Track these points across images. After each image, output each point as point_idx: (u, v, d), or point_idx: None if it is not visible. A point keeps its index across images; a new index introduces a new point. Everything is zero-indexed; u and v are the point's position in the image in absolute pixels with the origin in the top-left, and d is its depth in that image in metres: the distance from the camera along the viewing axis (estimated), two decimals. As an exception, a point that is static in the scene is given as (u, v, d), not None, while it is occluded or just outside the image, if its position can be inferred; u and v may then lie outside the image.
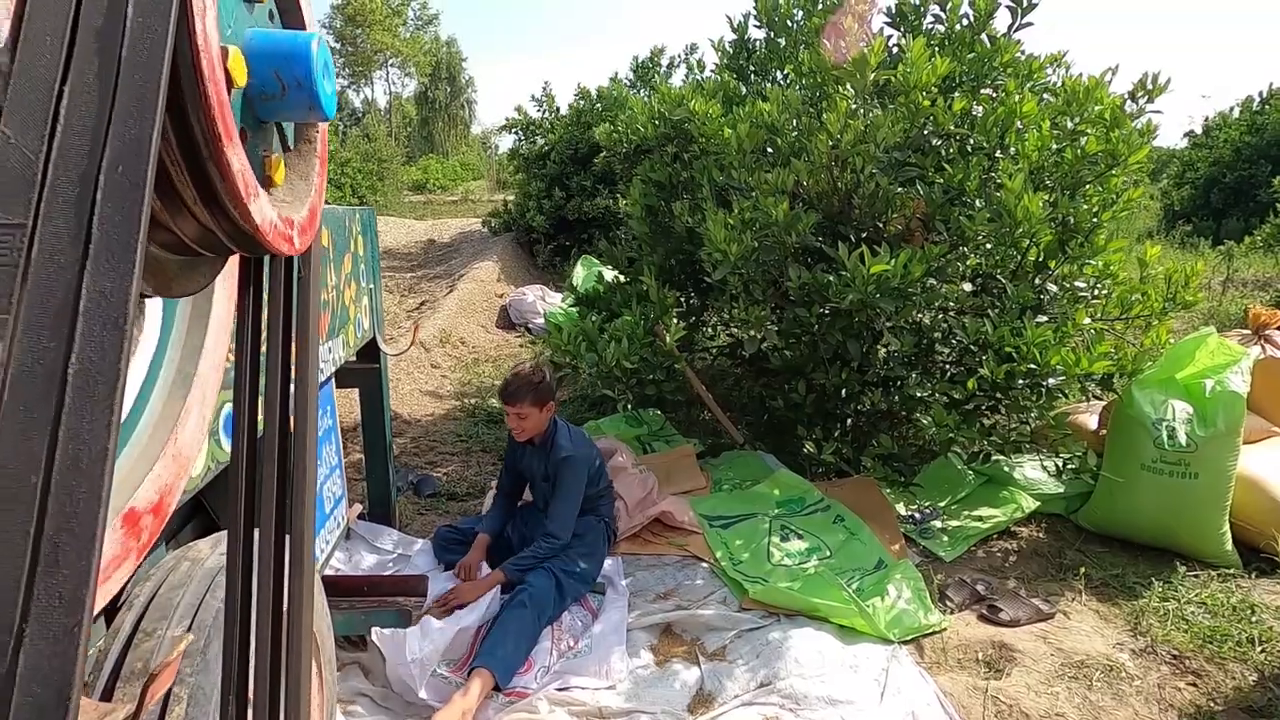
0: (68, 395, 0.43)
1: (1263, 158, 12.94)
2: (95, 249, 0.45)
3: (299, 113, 0.60)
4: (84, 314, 0.44)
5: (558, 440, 2.77)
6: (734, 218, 2.90)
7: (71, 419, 0.43)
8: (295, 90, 0.57)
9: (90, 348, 0.44)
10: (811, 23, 3.41)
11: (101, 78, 0.46)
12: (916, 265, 2.65)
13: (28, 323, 0.43)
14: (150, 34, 0.47)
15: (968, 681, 2.23)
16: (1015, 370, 2.80)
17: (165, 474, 1.08)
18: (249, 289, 0.71)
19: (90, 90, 0.46)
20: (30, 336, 0.43)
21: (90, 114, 0.46)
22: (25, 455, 0.42)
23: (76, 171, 0.45)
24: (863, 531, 2.95)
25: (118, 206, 0.45)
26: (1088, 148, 2.80)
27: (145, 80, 0.46)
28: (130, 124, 0.46)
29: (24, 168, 0.44)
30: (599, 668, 2.26)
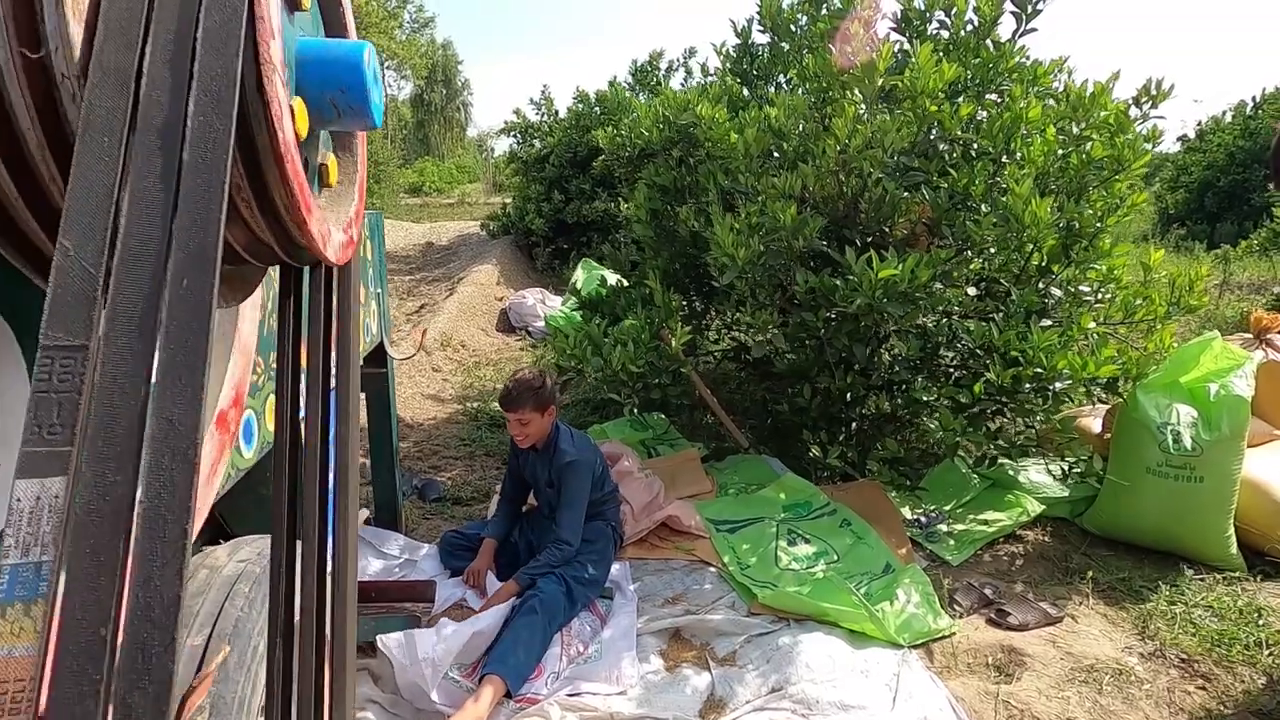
0: (135, 537, 0.40)
1: (1256, 162, 13.02)
2: (162, 371, 0.42)
3: (350, 123, 0.60)
4: (150, 444, 0.40)
5: (560, 445, 2.77)
6: (741, 222, 2.90)
7: (141, 564, 0.40)
8: (348, 103, 0.57)
9: (159, 483, 0.40)
10: (816, 28, 3.42)
11: (163, 182, 0.44)
12: (924, 270, 2.66)
13: (92, 455, 0.40)
14: (211, 133, 0.45)
15: (979, 686, 2.23)
16: (1021, 374, 2.81)
17: (237, 370, 1.09)
18: (289, 297, 0.71)
19: (151, 197, 0.44)
20: (95, 470, 0.40)
21: (152, 222, 0.44)
22: (93, 606, 0.39)
23: (139, 287, 0.43)
24: (870, 535, 2.95)
25: (184, 323, 0.42)
26: (1093, 153, 2.82)
27: (208, 185, 0.44)
28: (194, 233, 0.43)
29: (85, 283, 0.42)
30: (610, 673, 2.25)
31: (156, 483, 0.40)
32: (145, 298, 0.42)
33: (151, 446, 0.40)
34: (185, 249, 0.43)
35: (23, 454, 0.39)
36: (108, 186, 0.44)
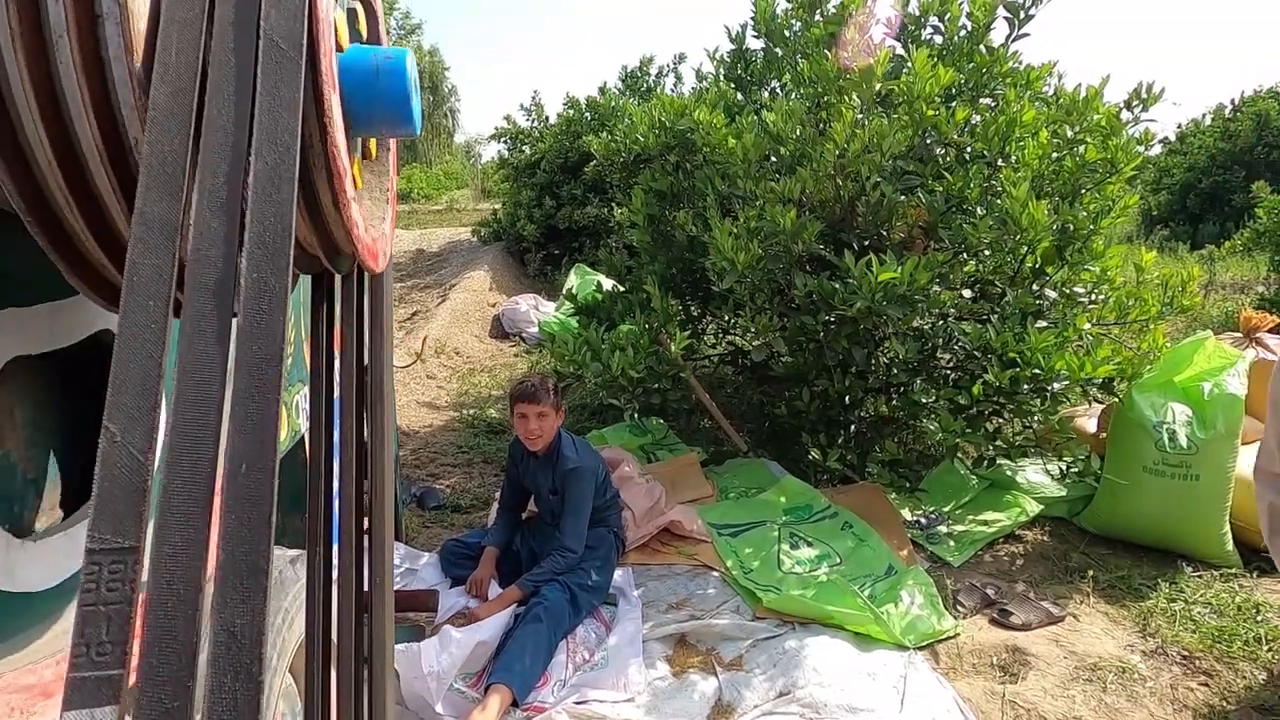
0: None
1: (1236, 164, 13.26)
2: (222, 575, 0.38)
3: (392, 129, 0.60)
4: (212, 662, 0.36)
5: (563, 452, 2.76)
6: (740, 226, 2.91)
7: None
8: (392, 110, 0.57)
9: (221, 706, 0.36)
10: (810, 33, 3.44)
11: (218, 346, 0.41)
12: (923, 273, 2.68)
13: (148, 676, 0.35)
14: (267, 293, 0.41)
15: (984, 686, 2.24)
16: (1019, 375, 2.83)
17: None
18: (324, 304, 0.70)
19: (204, 371, 0.40)
20: (150, 694, 0.35)
21: (206, 404, 0.39)
22: None
23: (193, 478, 0.38)
24: (871, 538, 2.96)
25: (243, 518, 0.38)
26: (1087, 156, 2.85)
27: (264, 356, 0.40)
28: (251, 411, 0.39)
29: (134, 474, 0.38)
30: (616, 680, 2.24)
31: (219, 707, 0.35)
32: (200, 489, 0.38)
33: (214, 665, 0.36)
34: (242, 429, 0.40)
35: (70, 680, 0.35)
36: (155, 359, 0.40)
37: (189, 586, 0.37)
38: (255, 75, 0.47)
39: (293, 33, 0.47)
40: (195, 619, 0.37)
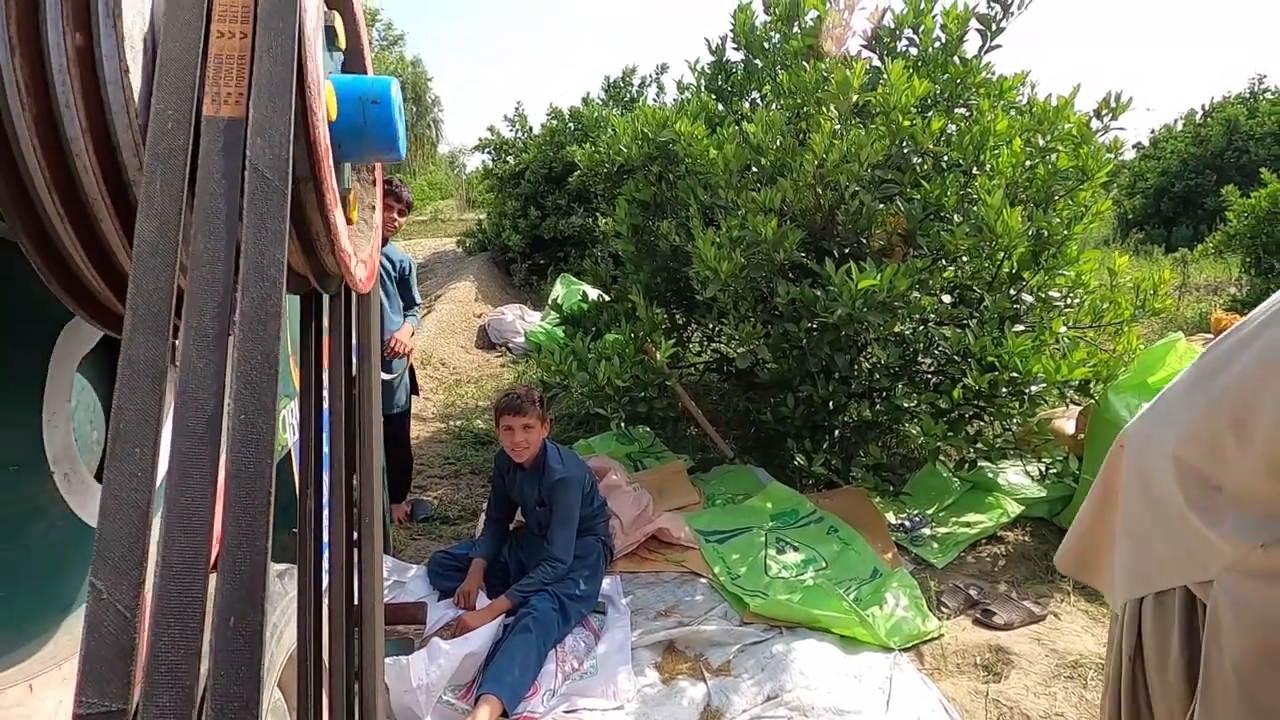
0: None
1: (1207, 168, 13.56)
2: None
3: (377, 155, 0.62)
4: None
5: (549, 463, 2.77)
6: (722, 236, 2.95)
7: None
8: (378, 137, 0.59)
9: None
10: (789, 45, 3.50)
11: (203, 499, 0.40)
12: (902, 279, 2.73)
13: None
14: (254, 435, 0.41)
15: (969, 686, 2.27)
16: (998, 379, 2.89)
17: None
18: (311, 322, 0.72)
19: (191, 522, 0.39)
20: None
21: (193, 557, 0.38)
22: None
23: (181, 641, 0.37)
24: (856, 541, 3.00)
25: (231, 673, 0.37)
26: (1059, 163, 2.92)
27: (252, 500, 0.40)
28: (240, 566, 0.38)
29: (121, 632, 0.36)
30: (606, 688, 2.26)
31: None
32: (187, 648, 0.37)
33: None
34: (232, 581, 0.38)
35: None
36: (142, 510, 0.39)
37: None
38: (241, 206, 0.46)
39: (278, 161, 0.46)
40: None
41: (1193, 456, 1.04)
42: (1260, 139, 13.23)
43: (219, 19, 0.47)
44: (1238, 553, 0.97)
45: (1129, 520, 1.15)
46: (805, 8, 3.58)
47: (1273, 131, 13.25)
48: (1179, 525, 1.04)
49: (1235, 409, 0.99)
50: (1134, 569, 1.13)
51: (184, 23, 0.46)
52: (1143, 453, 1.15)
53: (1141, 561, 1.12)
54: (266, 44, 0.47)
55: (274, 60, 0.47)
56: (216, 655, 0.39)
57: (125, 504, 0.39)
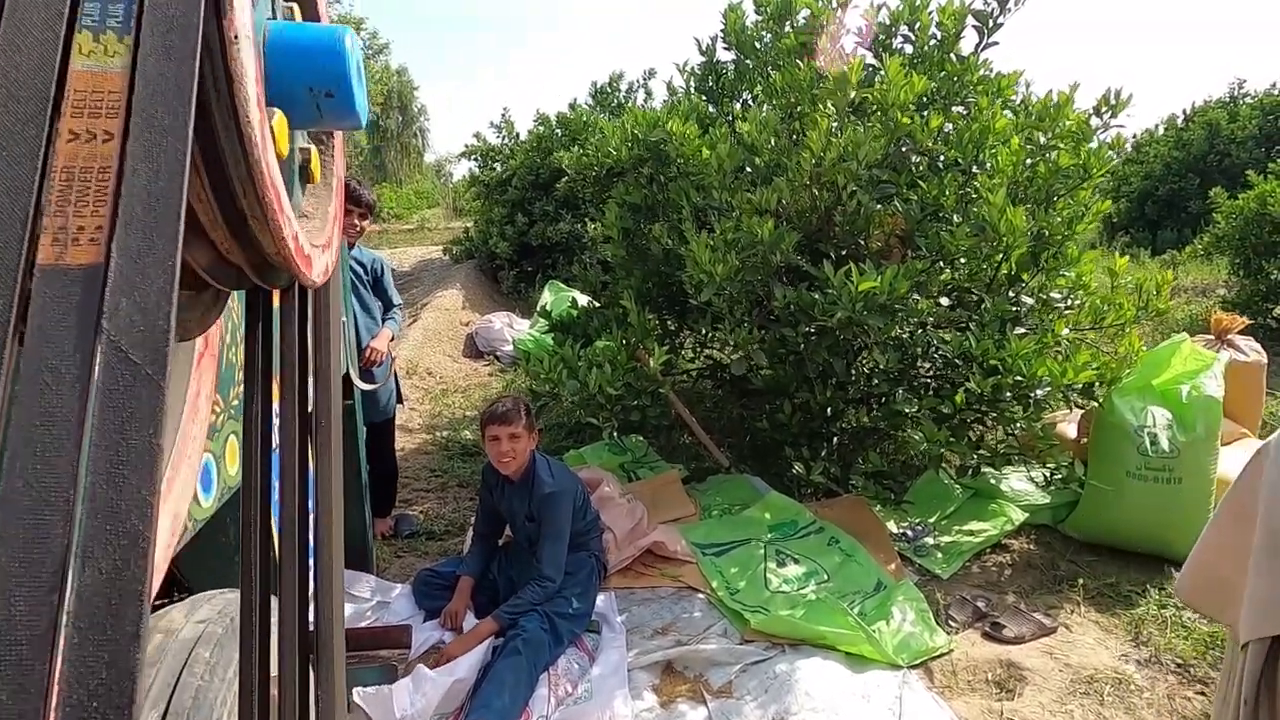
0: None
1: (1190, 171, 13.67)
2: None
3: (333, 123, 0.51)
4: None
5: (539, 476, 2.66)
6: (717, 239, 2.86)
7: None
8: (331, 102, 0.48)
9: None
10: (780, 44, 3.42)
11: None
12: (902, 281, 2.65)
13: None
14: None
15: (981, 705, 2.17)
16: (1001, 383, 2.81)
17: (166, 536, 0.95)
18: (258, 324, 0.61)
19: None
20: None
21: None
22: None
23: None
24: (859, 552, 2.90)
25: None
26: (1060, 161, 2.86)
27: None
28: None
29: None
30: (602, 714, 2.14)
31: None
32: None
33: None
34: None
35: None
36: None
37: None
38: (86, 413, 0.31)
39: (152, 335, 0.31)
40: None
41: None
42: (1241, 142, 13.34)
43: (73, 112, 0.32)
44: None
45: (1276, 543, 0.99)
46: (797, 6, 3.51)
47: (1253, 135, 13.37)
48: None
49: None
50: (1272, 608, 0.98)
51: (17, 117, 0.32)
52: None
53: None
54: (146, 147, 0.32)
55: (154, 173, 0.32)
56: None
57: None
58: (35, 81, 0.31)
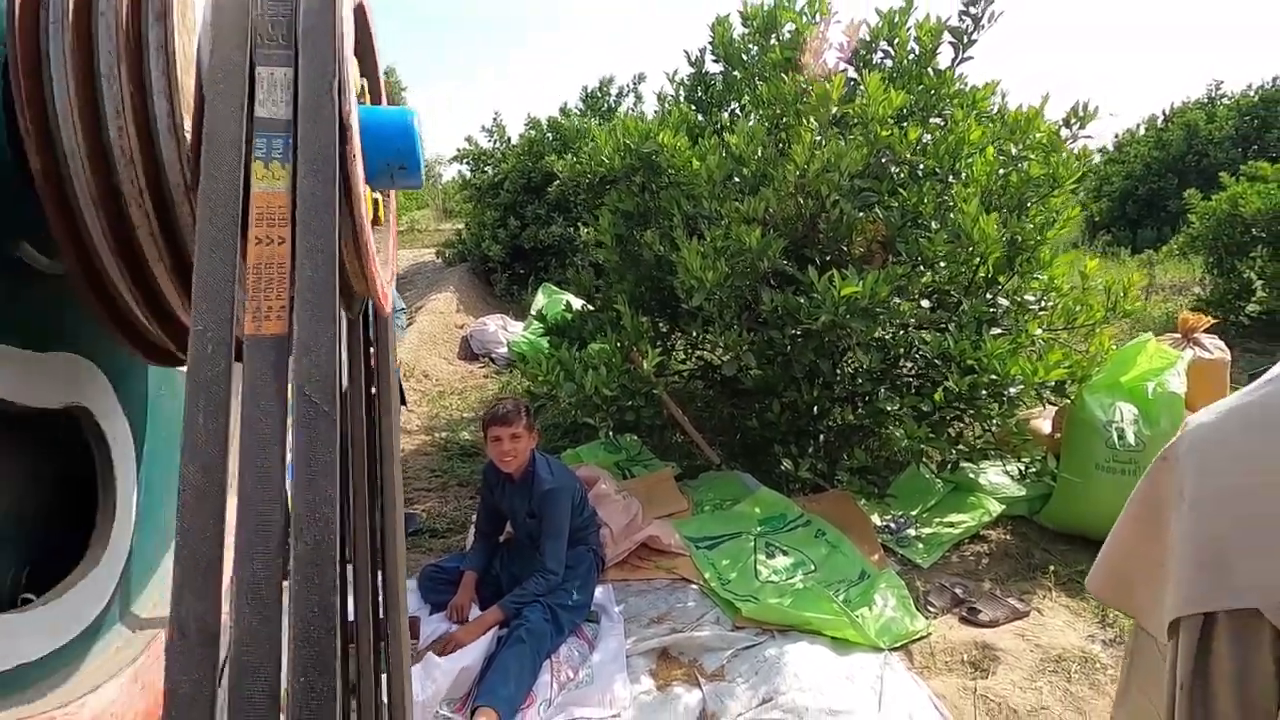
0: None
1: (1169, 171, 13.94)
2: None
3: (401, 185, 0.64)
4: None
5: (539, 474, 2.78)
6: (707, 246, 2.99)
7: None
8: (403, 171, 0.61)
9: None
10: (767, 57, 3.56)
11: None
12: (883, 285, 2.79)
13: None
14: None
15: (957, 683, 2.32)
16: (978, 381, 2.96)
17: None
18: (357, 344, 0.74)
19: None
20: None
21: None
22: None
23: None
24: (844, 544, 3.04)
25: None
26: (1031, 171, 3.01)
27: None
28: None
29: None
30: (602, 696, 2.27)
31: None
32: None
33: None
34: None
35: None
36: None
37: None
38: (285, 436, 0.44)
39: (326, 382, 0.44)
40: None
41: None
42: (1219, 143, 13.63)
43: (257, 224, 0.45)
44: None
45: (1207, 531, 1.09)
46: (782, 20, 3.66)
47: (1230, 135, 13.66)
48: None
49: None
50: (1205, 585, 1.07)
51: (219, 229, 0.44)
52: (1228, 454, 1.10)
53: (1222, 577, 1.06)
54: (307, 248, 0.45)
55: (315, 266, 0.44)
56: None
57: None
58: (229, 201, 0.44)
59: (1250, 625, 1.04)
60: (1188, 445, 1.16)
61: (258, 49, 0.46)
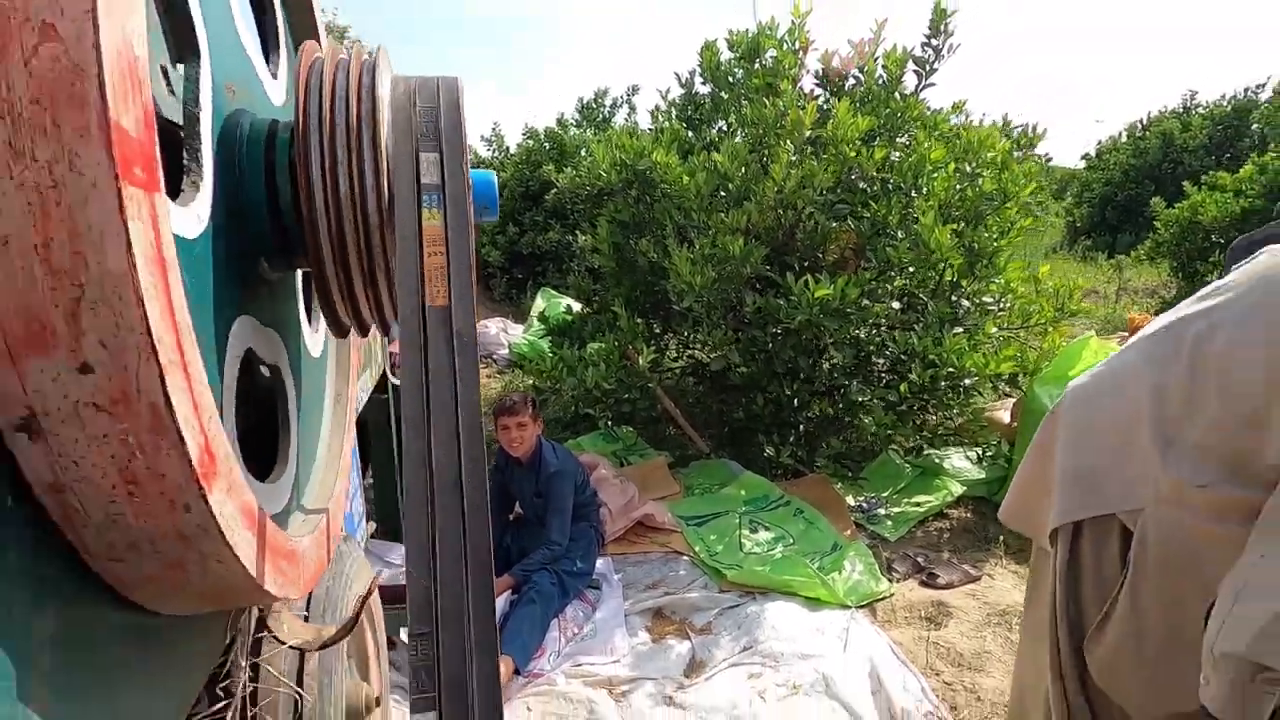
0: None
1: (1146, 178, 14.41)
2: (474, 643, 0.75)
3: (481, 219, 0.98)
4: (475, 691, 0.75)
5: (545, 458, 3.12)
6: (696, 254, 3.34)
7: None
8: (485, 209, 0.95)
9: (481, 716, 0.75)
10: (751, 82, 3.92)
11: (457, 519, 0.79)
12: (852, 289, 3.14)
13: (448, 713, 0.74)
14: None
15: (913, 633, 2.66)
16: (938, 374, 3.32)
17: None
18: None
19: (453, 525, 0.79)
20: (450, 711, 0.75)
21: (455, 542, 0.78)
22: None
23: (453, 590, 0.77)
24: (820, 521, 3.39)
25: (481, 607, 0.77)
26: (984, 187, 3.38)
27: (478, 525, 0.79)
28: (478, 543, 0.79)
29: (423, 593, 0.77)
30: (604, 646, 2.60)
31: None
32: (456, 599, 0.76)
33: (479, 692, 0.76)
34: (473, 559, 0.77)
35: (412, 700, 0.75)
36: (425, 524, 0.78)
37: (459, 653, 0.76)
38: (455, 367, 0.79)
39: (468, 329, 0.78)
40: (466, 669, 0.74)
41: (1165, 406, 1.27)
42: (1193, 151, 14.12)
43: (428, 245, 0.78)
44: (1178, 490, 1.21)
45: (1076, 461, 1.40)
46: (765, 47, 4.02)
47: (1204, 144, 14.16)
48: (1134, 468, 1.28)
49: (1197, 364, 1.22)
50: (1074, 500, 1.38)
51: (408, 249, 0.79)
52: (1094, 400, 1.40)
53: (1089, 493, 1.36)
54: (454, 258, 0.78)
55: (459, 269, 0.79)
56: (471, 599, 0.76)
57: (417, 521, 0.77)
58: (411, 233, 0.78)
59: (1105, 527, 1.38)
60: (1068, 400, 1.50)
61: (419, 141, 0.79)
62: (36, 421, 0.55)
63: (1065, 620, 1.46)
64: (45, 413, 0.54)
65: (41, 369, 0.54)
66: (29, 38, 0.49)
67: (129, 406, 0.56)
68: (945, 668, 2.49)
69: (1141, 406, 1.31)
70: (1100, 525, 1.41)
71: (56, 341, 0.53)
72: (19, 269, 0.51)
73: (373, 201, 0.81)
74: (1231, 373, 1.18)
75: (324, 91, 0.80)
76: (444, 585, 0.76)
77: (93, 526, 0.60)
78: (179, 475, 0.60)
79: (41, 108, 0.50)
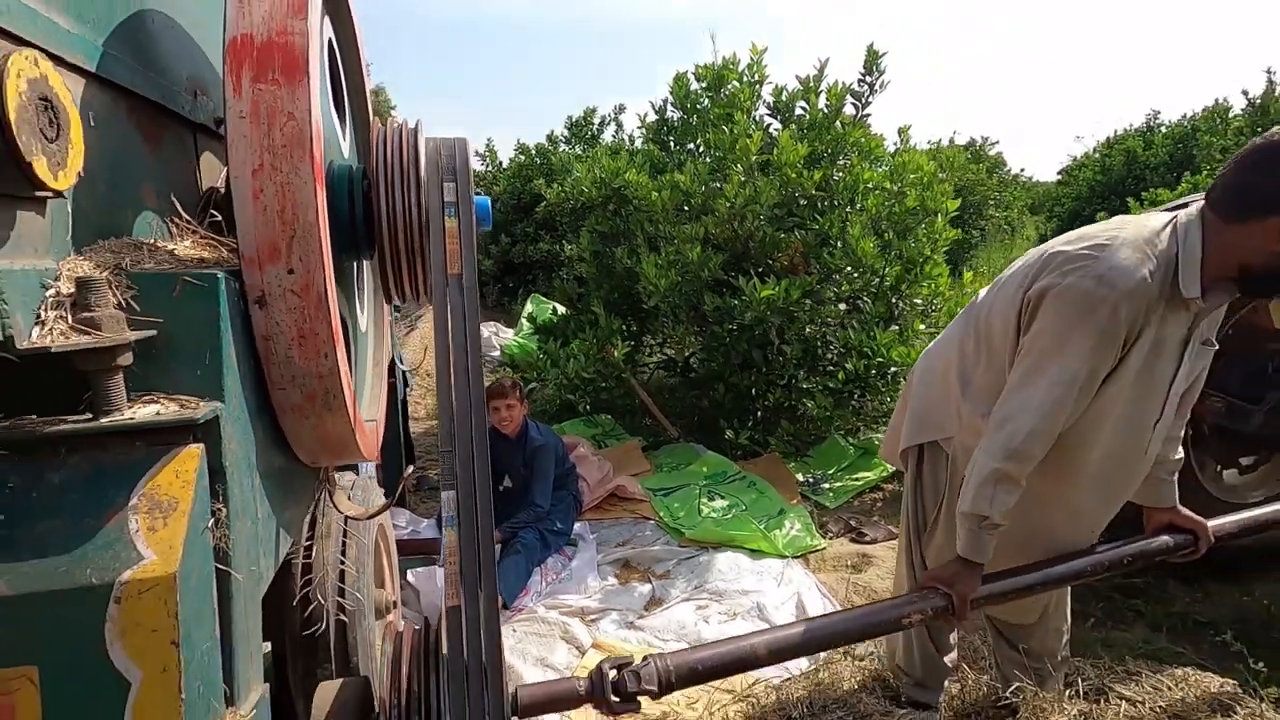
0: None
1: (1111, 194, 15.11)
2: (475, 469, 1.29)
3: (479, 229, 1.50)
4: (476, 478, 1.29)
5: (530, 435, 3.62)
6: (662, 260, 3.87)
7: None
8: (485, 226, 1.48)
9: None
10: (714, 111, 4.48)
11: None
12: (794, 290, 3.68)
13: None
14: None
15: (839, 576, 3.17)
16: (870, 364, 3.85)
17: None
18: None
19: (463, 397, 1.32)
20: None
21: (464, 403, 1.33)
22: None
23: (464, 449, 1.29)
24: (770, 491, 3.90)
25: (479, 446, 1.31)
26: (907, 203, 3.93)
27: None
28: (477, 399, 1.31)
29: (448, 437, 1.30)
30: (579, 586, 3.10)
31: None
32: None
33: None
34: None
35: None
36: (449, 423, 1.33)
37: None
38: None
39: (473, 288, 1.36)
40: None
41: (965, 359, 1.76)
42: (1155, 168, 14.83)
43: (449, 238, 1.30)
44: (973, 422, 1.69)
45: (916, 403, 1.90)
46: (728, 79, 4.58)
47: (1165, 161, 14.89)
48: (949, 406, 1.78)
49: (979, 327, 1.69)
50: (915, 430, 1.89)
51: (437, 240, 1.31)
52: (931, 359, 1.91)
53: (922, 425, 1.87)
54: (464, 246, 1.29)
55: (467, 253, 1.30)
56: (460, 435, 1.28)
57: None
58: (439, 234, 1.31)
59: (936, 451, 1.90)
60: (919, 360, 2.02)
61: (443, 174, 1.31)
62: (265, 298, 1.07)
63: (914, 520, 1.99)
64: (269, 294, 1.07)
65: (272, 271, 1.07)
66: (282, 119, 1.05)
67: (308, 294, 1.08)
68: (861, 600, 3.00)
69: (951, 358, 1.85)
70: (933, 449, 1.93)
71: (279, 256, 1.06)
72: (272, 220, 1.06)
73: (415, 213, 1.33)
74: (993, 330, 1.71)
75: (388, 148, 1.33)
76: (458, 443, 1.27)
77: (277, 362, 1.11)
78: (325, 335, 1.11)
79: (288, 149, 1.05)
